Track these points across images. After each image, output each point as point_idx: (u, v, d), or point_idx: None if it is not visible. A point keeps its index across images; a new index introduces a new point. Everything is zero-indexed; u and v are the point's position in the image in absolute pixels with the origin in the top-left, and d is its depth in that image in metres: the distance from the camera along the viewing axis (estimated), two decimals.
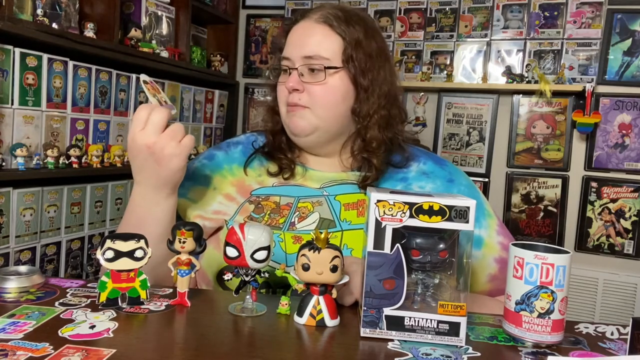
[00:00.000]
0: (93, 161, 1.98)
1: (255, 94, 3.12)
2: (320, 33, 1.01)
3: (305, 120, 1.01)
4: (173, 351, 0.65)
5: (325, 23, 1.02)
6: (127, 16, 2.24)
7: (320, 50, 1.00)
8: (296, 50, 1.01)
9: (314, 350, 0.68)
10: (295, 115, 1.01)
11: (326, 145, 1.06)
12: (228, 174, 1.08)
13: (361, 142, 1.04)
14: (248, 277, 0.76)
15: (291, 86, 1.00)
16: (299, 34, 1.04)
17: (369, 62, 1.02)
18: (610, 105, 2.57)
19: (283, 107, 1.04)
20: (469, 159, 2.78)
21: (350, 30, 1.01)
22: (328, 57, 1.00)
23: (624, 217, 2.58)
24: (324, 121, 1.01)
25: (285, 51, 1.04)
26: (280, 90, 1.05)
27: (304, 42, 1.02)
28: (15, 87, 1.70)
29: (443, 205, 0.69)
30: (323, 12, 1.03)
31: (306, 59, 1.00)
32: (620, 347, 0.72)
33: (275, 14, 3.10)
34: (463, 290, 0.71)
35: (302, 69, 1.00)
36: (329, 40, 1.01)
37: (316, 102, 1.00)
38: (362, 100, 1.02)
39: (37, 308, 0.74)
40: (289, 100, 1.01)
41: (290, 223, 0.99)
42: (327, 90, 1.00)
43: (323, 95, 1.00)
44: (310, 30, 1.02)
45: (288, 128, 1.04)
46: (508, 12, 2.68)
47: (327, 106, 1.01)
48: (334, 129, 1.03)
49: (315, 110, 1.00)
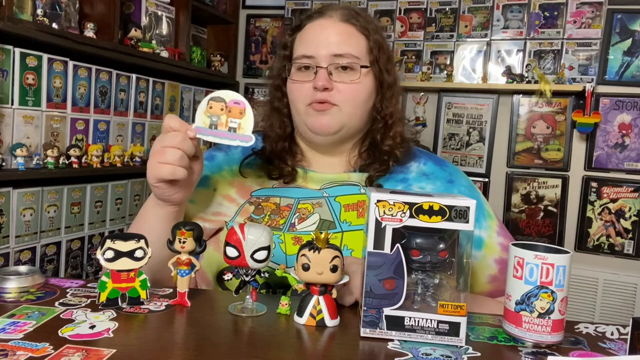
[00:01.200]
0: (93, 161, 1.98)
1: (255, 94, 3.12)
2: (346, 32, 1.01)
3: (334, 118, 1.00)
4: (173, 351, 0.65)
5: (347, 22, 1.02)
6: (127, 16, 2.24)
7: (351, 49, 1.00)
8: (322, 48, 1.00)
9: (314, 350, 0.68)
10: (324, 113, 1.00)
11: (342, 144, 1.06)
12: (228, 175, 1.07)
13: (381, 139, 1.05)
14: (248, 277, 0.76)
15: (322, 85, 0.98)
16: (322, 32, 1.02)
17: (390, 61, 1.04)
18: (610, 105, 2.57)
19: (301, 105, 1.02)
20: (469, 159, 2.78)
21: (371, 29, 1.03)
22: (358, 55, 1.00)
23: (624, 217, 2.58)
24: (351, 119, 1.02)
25: (307, 49, 1.01)
26: (298, 89, 1.02)
27: (330, 40, 1.00)
28: (15, 87, 1.70)
29: (443, 205, 0.69)
30: (342, 11, 1.03)
31: (335, 57, 0.99)
32: (620, 347, 0.72)
33: (275, 14, 3.10)
34: (463, 290, 0.71)
35: (331, 68, 0.99)
36: (356, 39, 1.01)
37: (346, 100, 1.00)
38: (387, 98, 1.04)
39: (37, 308, 0.74)
40: (317, 98, 0.99)
41: (291, 224, 0.98)
42: (359, 88, 1.01)
43: (355, 94, 1.00)
44: (335, 29, 1.01)
45: (308, 127, 1.02)
46: (508, 12, 2.68)
47: (357, 104, 1.01)
48: (357, 126, 1.04)
49: (344, 108, 1.00)
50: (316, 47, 1.00)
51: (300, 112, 1.03)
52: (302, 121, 1.03)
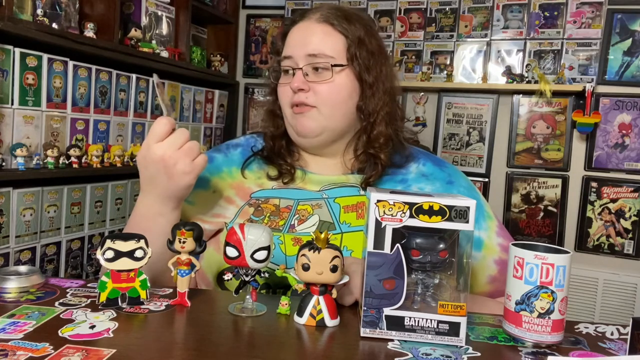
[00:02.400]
0: (93, 161, 1.98)
1: (255, 94, 3.12)
2: (322, 32, 1.01)
3: (314, 120, 1.00)
4: (173, 351, 0.65)
5: (326, 22, 1.02)
6: (127, 16, 2.24)
7: (324, 49, 1.00)
8: (298, 50, 1.01)
9: (314, 350, 0.68)
10: (303, 116, 1.00)
11: (331, 145, 1.06)
12: (227, 176, 1.07)
13: (366, 140, 1.04)
14: (248, 277, 0.76)
15: (296, 86, 0.99)
16: (300, 34, 1.03)
17: (372, 59, 1.02)
18: (610, 105, 2.57)
19: (287, 108, 1.03)
20: (469, 159, 2.78)
21: (352, 28, 1.01)
22: (332, 55, 1.00)
23: (624, 217, 2.58)
24: (332, 120, 1.01)
25: (286, 51, 1.03)
26: (282, 92, 1.04)
27: (306, 41, 1.01)
28: (15, 87, 1.70)
29: (443, 205, 0.69)
30: (322, 12, 1.03)
31: (310, 57, 0.99)
32: (620, 347, 0.72)
33: (275, 14, 3.10)
34: (463, 290, 0.71)
35: (307, 69, 1.00)
36: (331, 39, 1.01)
37: (323, 101, 1.00)
38: (368, 97, 1.02)
39: (37, 308, 0.74)
40: (295, 100, 1.00)
41: (290, 225, 0.98)
42: (334, 88, 1.00)
43: (330, 94, 1.00)
44: (312, 30, 1.02)
45: (294, 129, 1.03)
46: (508, 12, 2.68)
47: (335, 105, 1.01)
48: (340, 127, 1.03)
49: (322, 109, 1.00)
50: (293, 49, 1.02)
51: (287, 115, 1.04)
52: (289, 124, 1.05)
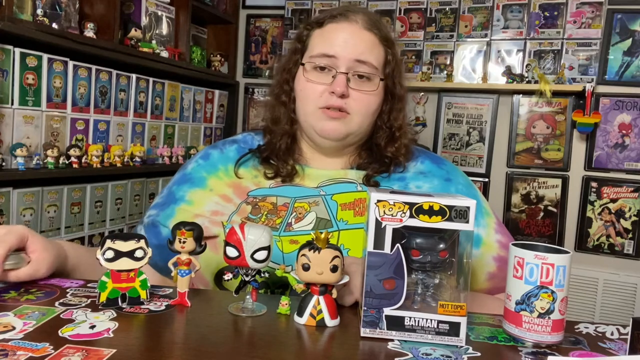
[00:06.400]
0: (93, 161, 1.98)
1: (255, 94, 3.12)
2: (369, 40, 1.00)
3: (345, 125, 1.00)
4: (173, 351, 0.65)
5: (370, 31, 1.01)
6: (127, 16, 2.25)
7: (371, 58, 0.99)
8: (346, 51, 0.98)
9: (314, 350, 0.68)
10: (336, 120, 0.99)
11: (344, 148, 1.06)
12: (224, 174, 1.07)
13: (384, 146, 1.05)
14: (248, 277, 0.76)
15: (340, 91, 0.97)
16: (346, 35, 1.00)
17: (400, 75, 1.04)
18: (610, 105, 2.57)
19: (313, 106, 1.00)
20: (469, 159, 2.78)
21: (390, 42, 1.02)
22: (377, 66, 1.00)
23: (624, 217, 2.58)
24: (360, 128, 1.02)
25: (328, 48, 0.99)
26: (312, 90, 1.00)
27: (355, 45, 0.99)
28: (15, 87, 1.70)
29: (443, 205, 0.69)
30: (364, 17, 1.02)
31: (357, 63, 0.98)
32: (620, 347, 0.72)
33: (275, 14, 3.10)
34: (463, 290, 0.71)
35: (350, 74, 0.98)
36: (377, 50, 1.01)
37: (359, 110, 0.99)
38: (397, 109, 1.04)
39: (37, 308, 0.74)
40: (332, 104, 0.98)
41: (287, 224, 0.98)
42: (373, 99, 1.01)
43: (369, 105, 1.00)
44: (360, 36, 1.00)
45: (316, 129, 1.01)
46: (508, 12, 2.68)
47: (368, 115, 1.01)
48: (362, 134, 1.04)
49: (355, 117, 1.00)
50: (340, 49, 0.98)
51: (309, 113, 1.01)
52: (310, 123, 1.02)
